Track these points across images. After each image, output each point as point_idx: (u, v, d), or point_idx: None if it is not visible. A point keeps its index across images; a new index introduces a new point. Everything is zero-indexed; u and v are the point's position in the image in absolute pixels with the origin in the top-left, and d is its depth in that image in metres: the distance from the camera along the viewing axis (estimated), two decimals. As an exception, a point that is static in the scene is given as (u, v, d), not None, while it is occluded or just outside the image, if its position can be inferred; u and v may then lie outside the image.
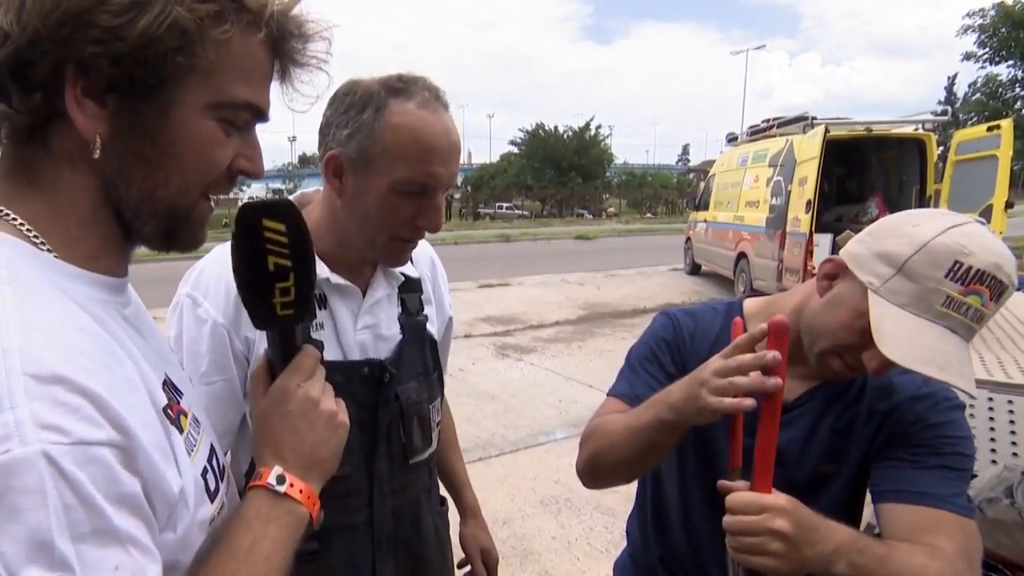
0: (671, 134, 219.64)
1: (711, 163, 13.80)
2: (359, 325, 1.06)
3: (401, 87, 0.93)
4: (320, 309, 1.02)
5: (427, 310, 1.17)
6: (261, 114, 0.60)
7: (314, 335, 1.00)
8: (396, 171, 0.93)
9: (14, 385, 0.43)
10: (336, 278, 1.03)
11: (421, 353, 1.14)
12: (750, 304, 1.11)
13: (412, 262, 1.14)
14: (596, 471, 1.04)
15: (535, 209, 39.15)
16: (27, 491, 0.41)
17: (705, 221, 11.09)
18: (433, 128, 0.93)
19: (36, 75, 0.50)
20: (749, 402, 0.78)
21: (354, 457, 1.02)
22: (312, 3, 0.60)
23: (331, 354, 1.02)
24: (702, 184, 13.58)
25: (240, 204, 0.65)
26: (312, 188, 1.11)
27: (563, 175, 40.15)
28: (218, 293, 0.97)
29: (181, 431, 0.57)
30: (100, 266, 0.56)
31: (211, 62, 0.53)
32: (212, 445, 0.65)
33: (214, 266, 0.99)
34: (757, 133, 9.75)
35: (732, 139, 11.05)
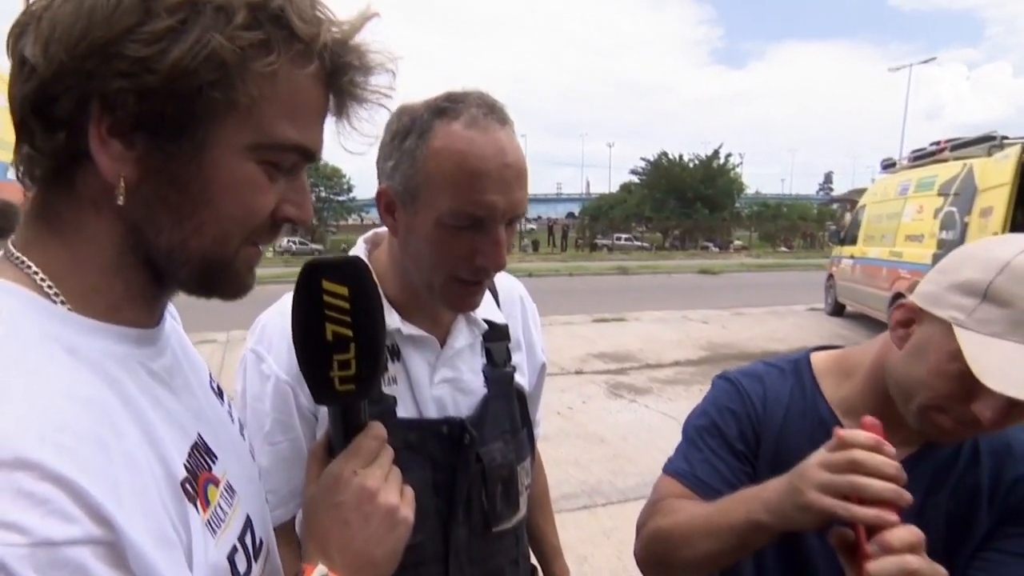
0: (811, 162, 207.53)
1: (860, 192, 12.74)
2: (436, 378, 0.98)
3: (447, 106, 0.86)
4: (393, 361, 0.96)
5: (515, 358, 1.08)
6: (311, 156, 0.56)
7: (386, 389, 0.94)
8: (441, 203, 0.85)
9: None
10: (409, 328, 0.96)
11: (508, 409, 1.04)
12: (819, 361, 1.03)
13: (498, 304, 1.08)
14: (665, 566, 0.95)
15: (656, 241, 38.51)
16: None
17: (852, 257, 10.25)
18: (481, 149, 0.84)
19: (60, 112, 0.48)
20: (891, 517, 0.67)
21: (429, 524, 0.94)
22: (376, 30, 0.55)
23: (405, 411, 0.95)
24: (848, 215, 12.55)
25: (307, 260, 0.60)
26: (385, 227, 1.04)
27: (687, 206, 39.25)
28: (281, 348, 0.93)
29: (207, 505, 0.54)
30: (123, 317, 0.53)
31: (253, 98, 0.50)
32: (248, 518, 0.60)
33: (278, 318, 0.95)
34: (923, 157, 8.82)
35: (889, 165, 10.14)
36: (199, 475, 0.54)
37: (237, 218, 0.53)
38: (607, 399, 6.07)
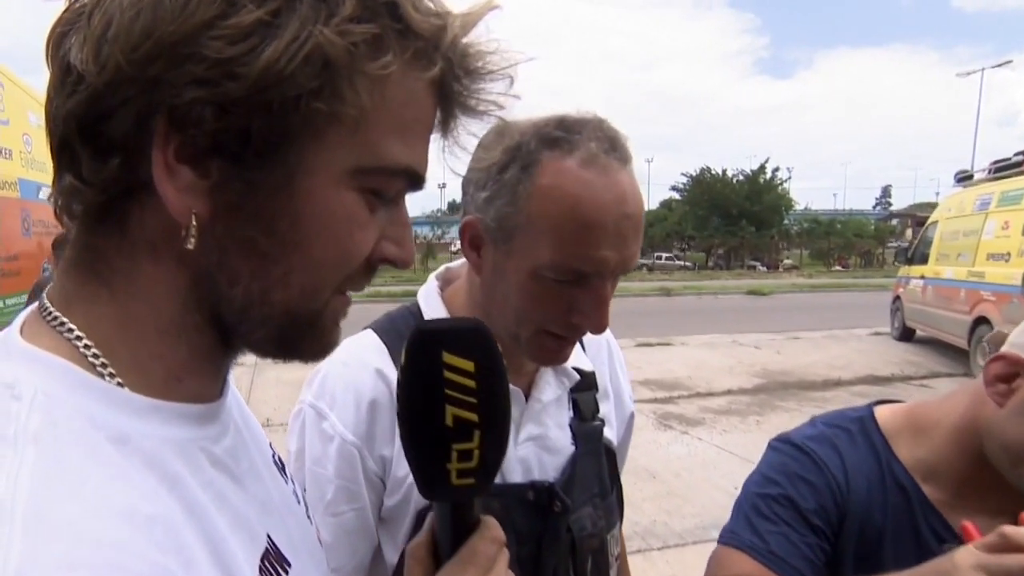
0: (866, 175, 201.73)
1: (921, 206, 12.28)
2: (521, 436, 0.91)
3: (560, 136, 0.77)
4: None
5: (603, 408, 1.01)
6: (419, 181, 0.48)
7: None
8: (542, 253, 0.77)
9: None
10: None
11: (597, 468, 0.97)
12: (886, 419, 0.97)
13: (584, 349, 1.00)
14: None
15: (699, 260, 37.99)
16: None
17: (922, 277, 9.86)
18: (599, 196, 0.76)
19: (114, 131, 0.40)
20: None
21: None
22: (493, 24, 0.47)
23: None
24: (909, 231, 12.11)
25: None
26: (459, 261, 0.98)
27: (732, 223, 38.68)
28: (347, 403, 0.86)
29: None
30: (184, 391, 0.45)
31: (363, 109, 0.41)
32: None
33: (341, 368, 0.88)
34: (1006, 168, 8.35)
35: (964, 178, 9.66)
36: None
37: (333, 262, 0.45)
38: (656, 430, 5.83)
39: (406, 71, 0.43)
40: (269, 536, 0.50)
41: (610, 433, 1.01)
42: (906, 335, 10.40)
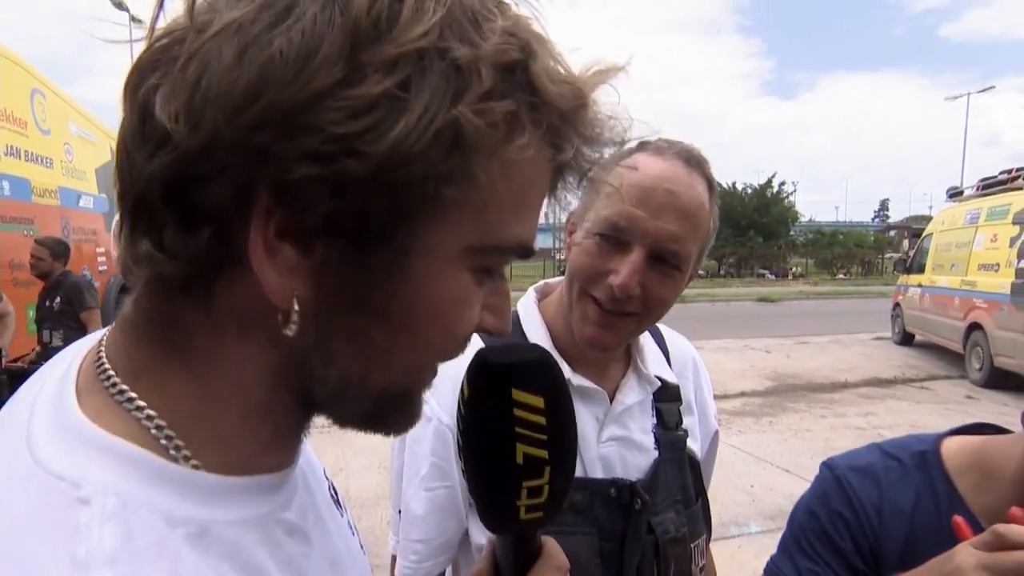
0: (865, 189, 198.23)
1: (916, 219, 12.04)
2: (604, 436, 0.88)
3: (647, 142, 0.83)
4: None
5: (687, 421, 0.95)
6: (529, 254, 0.40)
7: None
8: (599, 212, 0.80)
9: None
10: (579, 379, 0.87)
11: (680, 476, 0.92)
12: (953, 454, 0.82)
13: (669, 364, 0.97)
14: None
15: (710, 268, 37.40)
16: None
17: (920, 285, 9.68)
18: (652, 170, 0.79)
19: (207, 201, 0.32)
20: None
21: None
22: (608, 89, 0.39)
23: None
24: (905, 242, 11.87)
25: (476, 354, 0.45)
26: (556, 279, 0.97)
27: (742, 233, 38.03)
28: (445, 390, 0.79)
29: None
30: (263, 465, 0.39)
31: (495, 193, 0.34)
32: None
33: None
34: (993, 186, 8.26)
35: (955, 194, 9.54)
36: None
37: (440, 343, 0.38)
38: (677, 430, 5.76)
39: (539, 151, 0.36)
40: None
41: (694, 445, 0.96)
42: (906, 340, 10.26)
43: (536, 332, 0.90)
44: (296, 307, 0.33)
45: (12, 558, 0.28)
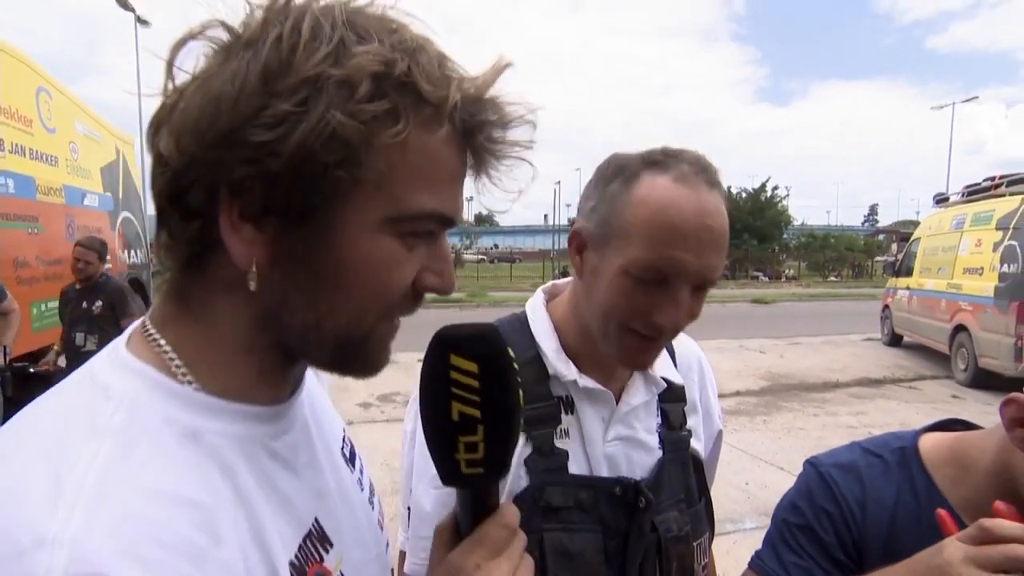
0: (855, 194, 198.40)
1: (904, 223, 12.12)
2: (610, 435, 0.88)
3: (660, 159, 0.78)
4: (566, 414, 0.87)
5: (691, 421, 0.96)
6: (449, 222, 0.49)
7: (558, 443, 0.85)
8: (631, 250, 0.77)
9: None
10: (585, 381, 0.87)
11: (684, 476, 0.92)
12: (930, 449, 0.84)
13: (675, 364, 0.96)
14: None
15: (706, 271, 37.13)
16: None
17: (908, 288, 9.75)
18: (683, 205, 0.75)
19: (193, 201, 0.45)
20: None
21: None
22: (509, 80, 0.48)
23: (577, 467, 0.85)
24: (894, 245, 11.94)
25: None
26: (565, 279, 0.98)
27: (736, 236, 38.06)
28: None
29: None
30: (254, 396, 0.49)
31: (381, 172, 0.43)
32: None
33: None
34: (977, 192, 8.38)
35: (942, 200, 9.61)
36: (306, 569, 0.49)
37: (372, 296, 0.47)
38: (673, 429, 5.83)
39: (421, 134, 0.44)
40: (316, 520, 0.52)
41: (698, 445, 0.96)
42: (895, 341, 10.32)
43: (544, 334, 0.90)
44: (254, 268, 0.45)
45: (57, 422, 0.42)
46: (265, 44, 0.42)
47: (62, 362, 4.13)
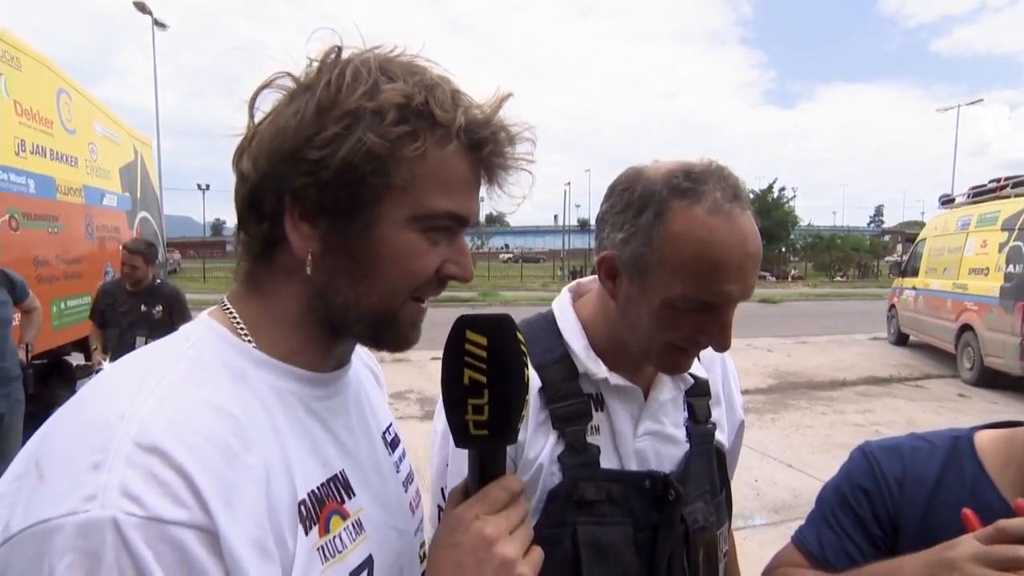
0: (861, 195, 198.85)
1: (910, 224, 12.03)
2: (640, 431, 0.89)
3: (689, 187, 0.76)
4: (597, 411, 0.89)
5: (715, 413, 0.97)
6: (464, 221, 0.58)
7: (590, 439, 0.87)
8: (674, 287, 0.77)
9: (117, 450, 0.43)
10: (616, 379, 0.88)
11: (709, 468, 0.94)
12: (985, 442, 0.84)
13: (699, 358, 0.95)
14: None
15: (713, 271, 36.89)
16: (89, 553, 0.40)
17: (914, 288, 9.73)
18: (724, 241, 0.74)
19: (265, 207, 0.55)
20: None
21: None
22: (512, 105, 0.58)
23: (608, 462, 0.87)
24: (900, 246, 11.82)
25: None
26: (589, 277, 0.98)
27: (742, 238, 37.65)
28: None
29: (324, 532, 0.54)
30: (302, 361, 0.58)
31: (406, 179, 0.53)
32: (370, 557, 0.59)
33: None
34: (983, 194, 8.35)
35: (947, 201, 9.60)
36: (325, 503, 0.55)
37: (401, 279, 0.56)
38: (683, 426, 5.85)
39: (436, 149, 0.54)
40: (343, 471, 0.59)
41: (721, 436, 0.98)
42: (901, 340, 10.33)
43: (573, 333, 0.91)
44: (310, 257, 0.55)
45: (152, 354, 0.54)
46: (319, 86, 0.53)
47: (106, 364, 4.04)
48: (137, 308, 3.97)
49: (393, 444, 0.72)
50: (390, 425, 0.73)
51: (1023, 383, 6.84)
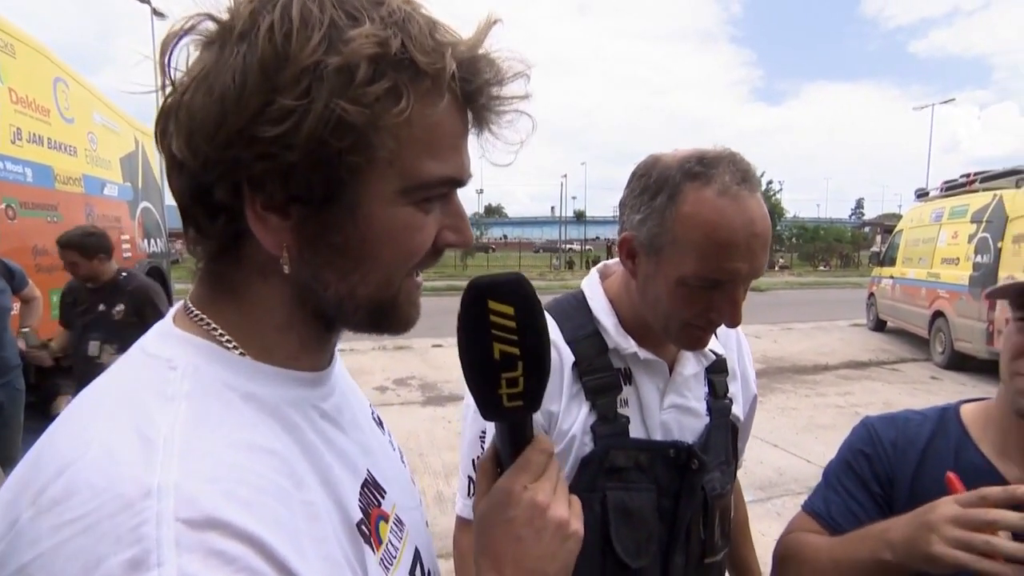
0: (843, 189, 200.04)
1: (888, 216, 12.22)
2: (665, 403, 0.93)
3: (700, 171, 0.79)
4: (626, 384, 0.92)
5: (731, 388, 1.02)
6: (459, 184, 0.49)
7: (620, 411, 0.91)
8: (686, 265, 0.79)
9: (164, 536, 0.34)
10: (644, 353, 0.92)
11: (725, 440, 0.99)
12: (969, 411, 0.92)
13: (716, 336, 0.99)
14: None
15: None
16: None
17: (891, 277, 9.87)
18: (732, 221, 0.76)
19: (217, 199, 0.44)
20: (1004, 570, 0.64)
21: (652, 549, 0.90)
22: (499, 37, 0.46)
23: (635, 432, 0.91)
24: (879, 237, 11.97)
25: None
26: (614, 260, 1.00)
27: (730, 229, 37.71)
28: None
29: (380, 543, 0.50)
30: (300, 364, 0.50)
31: (391, 149, 0.43)
32: (416, 550, 0.56)
33: None
34: (954, 188, 8.58)
35: (922, 194, 9.77)
36: (371, 512, 0.50)
37: (398, 262, 0.47)
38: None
39: (423, 107, 0.43)
40: (368, 470, 0.53)
41: (737, 410, 1.01)
42: (879, 326, 10.42)
43: (603, 311, 0.94)
44: (285, 253, 0.45)
45: (127, 396, 0.42)
46: (258, 35, 0.41)
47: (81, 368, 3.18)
48: (95, 307, 3.08)
49: (379, 423, 0.66)
50: (369, 404, 0.67)
51: (990, 366, 7.06)
